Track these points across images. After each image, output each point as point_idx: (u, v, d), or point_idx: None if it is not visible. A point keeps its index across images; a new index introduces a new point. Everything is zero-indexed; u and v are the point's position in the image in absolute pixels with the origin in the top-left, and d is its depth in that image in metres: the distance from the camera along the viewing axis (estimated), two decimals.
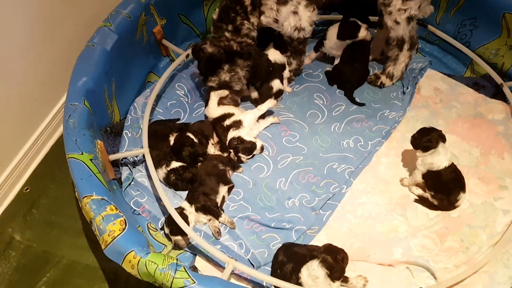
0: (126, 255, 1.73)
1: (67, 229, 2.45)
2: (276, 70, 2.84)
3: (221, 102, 2.78)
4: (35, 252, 2.36)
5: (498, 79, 2.83)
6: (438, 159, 2.32)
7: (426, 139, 2.33)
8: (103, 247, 1.78)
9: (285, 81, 2.94)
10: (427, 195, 2.40)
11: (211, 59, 2.62)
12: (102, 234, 1.79)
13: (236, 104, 2.86)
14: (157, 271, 1.68)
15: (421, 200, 2.43)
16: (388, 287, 2.11)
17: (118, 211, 1.85)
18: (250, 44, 2.69)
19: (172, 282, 1.66)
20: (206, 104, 2.82)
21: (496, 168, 2.53)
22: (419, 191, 2.45)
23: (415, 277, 2.15)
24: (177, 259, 1.73)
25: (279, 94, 2.85)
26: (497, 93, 2.89)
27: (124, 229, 1.79)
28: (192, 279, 1.67)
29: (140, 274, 1.72)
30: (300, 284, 1.95)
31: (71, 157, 2.04)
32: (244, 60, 2.65)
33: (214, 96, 2.72)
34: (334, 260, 1.93)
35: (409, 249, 2.24)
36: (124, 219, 1.83)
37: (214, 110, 2.73)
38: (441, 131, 2.38)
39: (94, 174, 1.99)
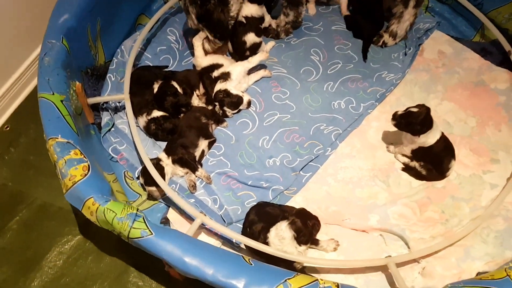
0: (86, 201, 1.70)
1: (44, 170, 2.43)
2: (251, 24, 2.67)
3: (212, 51, 2.66)
4: (10, 191, 2.36)
5: (506, 46, 2.64)
6: (432, 136, 2.19)
7: (423, 124, 2.13)
8: (63, 191, 1.75)
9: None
10: (415, 164, 2.30)
11: None
12: (63, 178, 1.75)
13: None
14: (115, 219, 1.65)
15: (407, 169, 2.34)
16: (358, 252, 2.07)
17: (82, 156, 1.81)
18: None
19: (129, 232, 1.64)
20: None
21: (491, 140, 2.41)
22: (405, 159, 2.35)
23: (387, 245, 2.10)
24: (137, 209, 1.70)
25: (255, 48, 2.68)
26: (504, 61, 2.71)
27: (86, 175, 1.74)
28: (150, 230, 1.64)
29: (98, 221, 1.70)
30: (267, 243, 1.91)
31: (41, 97, 1.98)
32: None
33: (197, 42, 2.59)
34: (304, 224, 1.88)
35: (386, 216, 2.17)
36: (88, 165, 1.78)
37: (201, 58, 2.61)
38: (426, 106, 2.16)
39: (63, 116, 1.93)
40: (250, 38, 2.66)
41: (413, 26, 2.87)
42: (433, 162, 2.24)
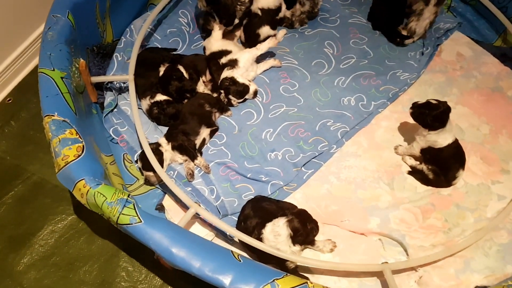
0: (77, 182, 1.66)
1: (43, 147, 2.40)
2: (266, 16, 2.59)
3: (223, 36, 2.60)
4: (7, 165, 2.34)
5: None
6: (443, 137, 2.11)
7: (436, 118, 2.07)
8: (56, 170, 1.71)
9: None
10: (422, 167, 2.22)
11: None
12: (56, 157, 1.71)
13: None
14: (104, 204, 1.61)
15: (414, 172, 2.26)
16: (354, 255, 2.01)
17: (78, 136, 1.76)
18: None
19: (118, 217, 1.60)
20: (208, 36, 2.64)
21: (503, 149, 2.31)
22: (413, 162, 2.27)
23: (385, 250, 2.04)
24: (128, 195, 1.65)
25: None
26: None
27: (79, 156, 1.70)
28: (139, 217, 1.60)
29: (88, 204, 1.66)
30: (260, 239, 1.86)
31: (41, 72, 1.94)
32: None
33: (218, 27, 2.54)
34: (302, 225, 1.82)
35: (387, 220, 2.11)
36: (83, 145, 1.74)
37: (216, 41, 2.54)
38: (447, 105, 2.10)
39: (62, 93, 1.88)
40: (265, 31, 2.60)
41: (433, 25, 2.76)
42: (441, 167, 2.16)
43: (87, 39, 2.36)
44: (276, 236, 1.84)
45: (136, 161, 2.28)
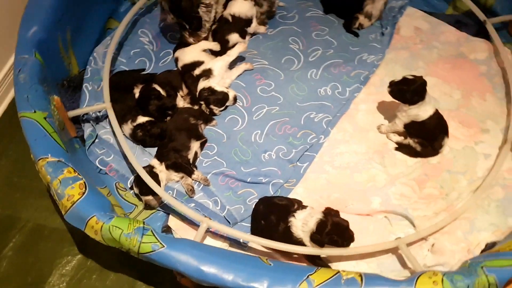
0: (88, 220, 1.62)
1: (31, 191, 2.31)
2: (237, 24, 2.63)
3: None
4: None
5: (481, 16, 2.68)
6: (424, 109, 2.20)
7: (415, 92, 2.15)
8: (63, 212, 1.66)
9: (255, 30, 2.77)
10: (408, 141, 2.31)
11: None
12: (61, 198, 1.66)
13: None
14: (122, 236, 1.58)
15: (401, 148, 2.35)
16: (366, 237, 2.06)
17: (76, 174, 1.72)
18: None
19: (139, 247, 1.57)
20: (176, 49, 2.64)
21: (477, 110, 2.44)
22: (398, 138, 2.36)
23: (393, 226, 2.11)
24: (144, 223, 1.63)
25: None
26: (480, 31, 2.75)
27: (84, 193, 1.66)
28: (160, 243, 1.57)
29: (104, 239, 1.62)
30: (288, 228, 1.89)
31: (23, 116, 1.86)
32: None
33: (203, 43, 2.60)
34: (333, 229, 1.83)
35: (388, 197, 2.18)
36: (84, 182, 1.69)
37: (189, 54, 2.55)
38: (423, 78, 2.20)
39: (49, 134, 1.82)
40: (234, 38, 2.63)
41: (387, 5, 2.87)
42: (427, 138, 2.25)
43: (56, 75, 2.30)
44: (303, 224, 1.87)
45: (131, 188, 2.24)
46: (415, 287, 1.51)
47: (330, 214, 1.89)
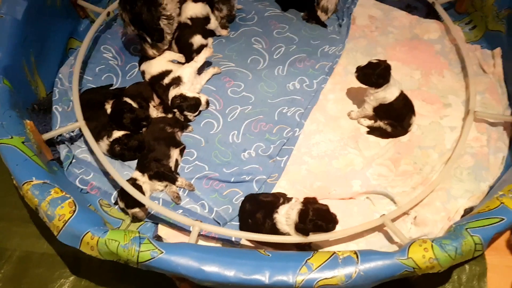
0: (83, 237, 1.61)
1: (14, 219, 2.26)
2: (197, 24, 2.67)
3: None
4: None
5: None
6: (390, 92, 2.31)
7: (380, 75, 2.26)
8: (55, 233, 1.64)
9: (218, 29, 2.81)
10: (378, 124, 2.41)
11: None
12: (51, 220, 1.64)
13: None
14: (119, 248, 1.58)
15: (372, 131, 2.45)
16: (352, 219, 2.14)
17: (64, 193, 1.71)
18: None
19: (138, 256, 1.58)
20: (141, 62, 2.65)
21: (438, 87, 2.58)
22: (368, 122, 2.46)
23: (376, 205, 2.20)
24: (139, 232, 1.64)
25: (201, 50, 2.64)
26: (430, 12, 2.92)
27: (74, 211, 1.66)
28: (159, 249, 1.59)
29: (101, 254, 1.62)
30: (274, 225, 1.93)
31: (1, 143, 1.83)
32: None
33: (168, 54, 2.62)
34: (315, 216, 1.88)
35: (367, 179, 2.27)
36: (73, 200, 1.69)
37: (156, 65, 2.57)
38: (387, 62, 2.31)
39: (30, 157, 1.81)
40: (197, 40, 2.65)
41: None
42: (396, 119, 2.37)
43: (25, 99, 2.28)
44: (287, 218, 1.92)
45: (115, 203, 2.23)
46: (408, 256, 1.59)
47: (309, 202, 1.95)
